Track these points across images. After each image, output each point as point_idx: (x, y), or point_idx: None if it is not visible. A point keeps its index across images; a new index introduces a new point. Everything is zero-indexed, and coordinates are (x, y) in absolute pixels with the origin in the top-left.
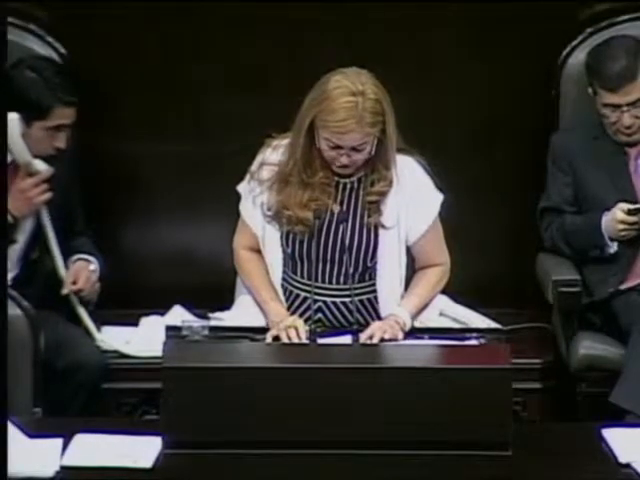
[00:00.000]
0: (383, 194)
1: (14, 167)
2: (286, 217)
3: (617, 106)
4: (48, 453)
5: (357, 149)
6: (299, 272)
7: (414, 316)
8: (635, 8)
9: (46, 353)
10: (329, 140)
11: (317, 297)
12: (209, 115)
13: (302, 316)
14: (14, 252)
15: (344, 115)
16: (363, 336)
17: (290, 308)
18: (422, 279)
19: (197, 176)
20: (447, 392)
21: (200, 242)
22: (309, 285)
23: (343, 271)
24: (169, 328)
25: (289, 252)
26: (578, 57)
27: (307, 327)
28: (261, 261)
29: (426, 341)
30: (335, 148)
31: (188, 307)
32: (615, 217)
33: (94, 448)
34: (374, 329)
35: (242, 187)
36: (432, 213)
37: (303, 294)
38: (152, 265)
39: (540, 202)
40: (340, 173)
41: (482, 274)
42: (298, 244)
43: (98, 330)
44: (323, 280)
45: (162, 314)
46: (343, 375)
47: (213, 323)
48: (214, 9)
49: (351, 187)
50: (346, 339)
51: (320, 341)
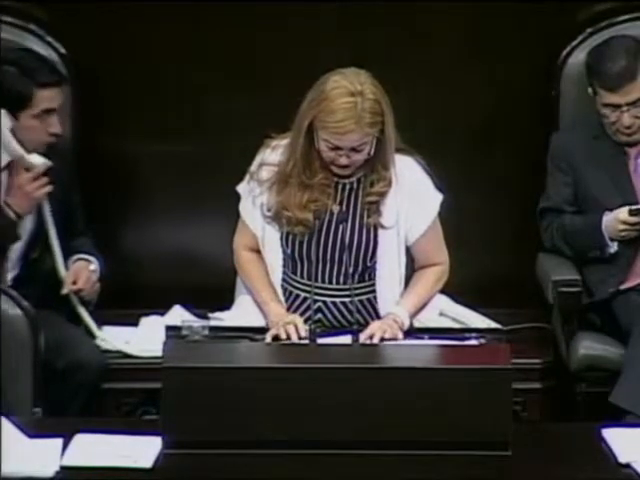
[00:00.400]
0: (382, 194)
1: (15, 164)
2: (286, 218)
3: (617, 106)
4: (48, 453)
5: (356, 150)
6: (299, 272)
7: (413, 315)
8: (635, 8)
9: (46, 353)
10: (328, 141)
11: (317, 297)
12: (209, 115)
13: (302, 316)
14: (14, 252)
15: (343, 116)
16: (363, 336)
17: (290, 308)
18: (421, 278)
19: (197, 176)
20: (447, 392)
21: (200, 242)
22: (309, 285)
23: (343, 271)
24: (169, 328)
25: (289, 252)
26: (578, 57)
27: (307, 327)
28: (261, 261)
29: (426, 341)
30: (334, 149)
31: (188, 307)
32: (617, 217)
33: (94, 448)
34: (373, 329)
35: (241, 187)
36: (431, 213)
37: (303, 294)
38: (152, 265)
39: (540, 202)
40: (339, 174)
41: (482, 274)
42: (298, 245)
43: (99, 329)
44: (323, 280)
45: (162, 314)
46: (343, 375)
47: (213, 323)
48: (214, 9)
49: (350, 187)
50: (346, 339)
51: (320, 341)
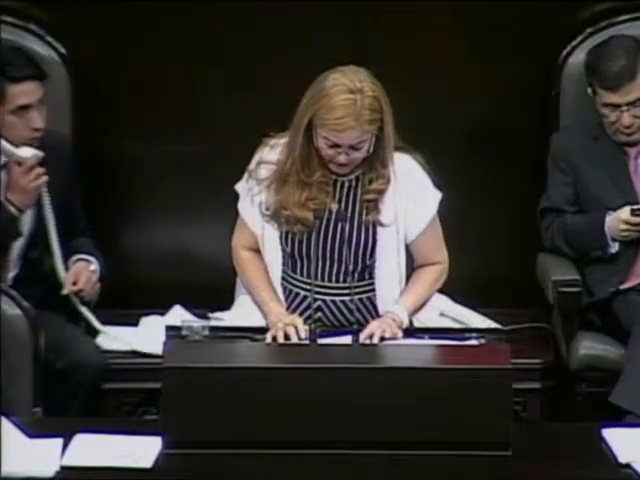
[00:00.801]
0: (381, 192)
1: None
2: (284, 217)
3: (617, 106)
4: (48, 453)
5: (355, 147)
6: (298, 271)
7: (411, 314)
8: (635, 8)
9: (46, 353)
10: (327, 139)
11: (317, 296)
12: (209, 115)
13: (302, 315)
14: (14, 251)
15: (342, 112)
16: (362, 336)
17: (290, 307)
18: (420, 277)
19: (197, 176)
20: (447, 392)
21: (200, 242)
22: (309, 284)
23: (343, 269)
24: (169, 328)
25: (288, 251)
26: (578, 57)
27: (307, 327)
28: (260, 261)
29: (426, 341)
30: (333, 146)
31: (188, 307)
32: (619, 216)
33: (94, 448)
34: (373, 328)
35: (240, 186)
36: (430, 211)
37: (303, 293)
38: (152, 265)
39: (540, 202)
40: (338, 172)
41: (482, 274)
42: (297, 243)
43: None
44: (322, 278)
45: (162, 314)
46: (343, 375)
47: (213, 323)
48: (214, 9)
49: (349, 185)
50: (346, 339)
51: (320, 341)
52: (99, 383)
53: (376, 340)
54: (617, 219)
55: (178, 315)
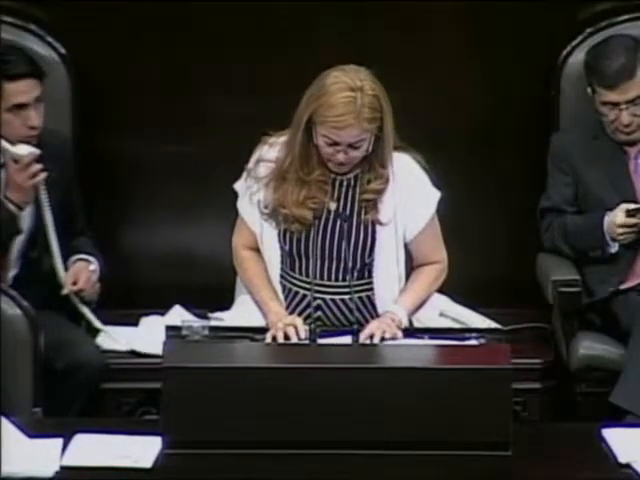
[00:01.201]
0: (379, 192)
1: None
2: (282, 215)
3: (615, 104)
4: (48, 453)
5: (354, 146)
6: (297, 269)
7: (410, 313)
8: (635, 8)
9: (46, 353)
10: (326, 136)
11: (316, 295)
12: (209, 115)
13: (301, 314)
14: (13, 251)
15: (342, 110)
16: (362, 336)
17: (289, 306)
18: (419, 277)
19: (197, 176)
20: (447, 392)
21: (200, 242)
22: (308, 283)
23: (342, 268)
24: (169, 328)
25: (287, 249)
26: (578, 57)
27: (306, 326)
28: (260, 260)
29: (426, 341)
30: (332, 144)
31: (188, 307)
32: (614, 221)
33: (94, 448)
34: (372, 328)
35: (239, 185)
36: (429, 210)
37: (302, 292)
38: (152, 265)
39: (540, 202)
40: (336, 171)
41: (482, 274)
42: (295, 242)
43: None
44: (322, 277)
45: (162, 314)
46: (343, 375)
47: (213, 323)
48: (214, 9)
49: (348, 184)
50: (346, 339)
51: (320, 341)
52: (99, 383)
53: (376, 340)
54: (612, 224)
55: (178, 315)
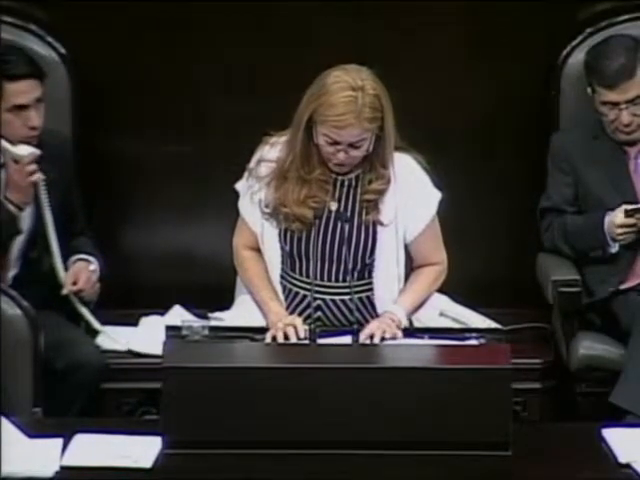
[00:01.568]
0: (380, 193)
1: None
2: (283, 214)
3: (615, 104)
4: (48, 453)
5: (355, 145)
6: (297, 270)
7: (410, 314)
8: (635, 8)
9: (46, 353)
10: (327, 136)
11: (316, 295)
12: (209, 115)
13: (301, 314)
14: (13, 251)
15: (343, 109)
16: (362, 336)
17: (289, 306)
18: (419, 277)
19: (197, 176)
20: (447, 392)
21: (200, 242)
22: (308, 283)
23: (342, 268)
24: (169, 328)
25: (287, 249)
26: (578, 57)
27: (306, 326)
28: (261, 260)
29: (426, 341)
30: (333, 144)
31: (188, 307)
32: (614, 222)
33: (94, 448)
34: (372, 329)
35: (240, 185)
36: (430, 211)
37: (302, 292)
38: (152, 265)
39: (540, 202)
40: (337, 171)
41: (482, 274)
42: (296, 241)
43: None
44: (322, 278)
45: (162, 314)
46: (343, 375)
47: (213, 323)
48: (214, 9)
49: (349, 184)
50: (346, 339)
51: (320, 341)
52: (99, 383)
53: (376, 340)
54: (612, 224)
55: (178, 315)
